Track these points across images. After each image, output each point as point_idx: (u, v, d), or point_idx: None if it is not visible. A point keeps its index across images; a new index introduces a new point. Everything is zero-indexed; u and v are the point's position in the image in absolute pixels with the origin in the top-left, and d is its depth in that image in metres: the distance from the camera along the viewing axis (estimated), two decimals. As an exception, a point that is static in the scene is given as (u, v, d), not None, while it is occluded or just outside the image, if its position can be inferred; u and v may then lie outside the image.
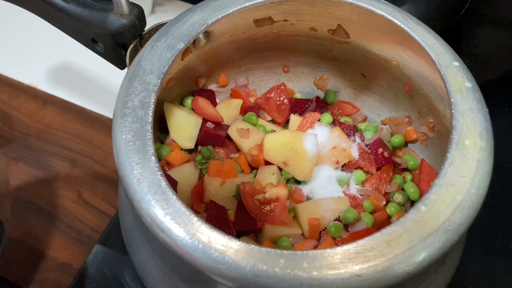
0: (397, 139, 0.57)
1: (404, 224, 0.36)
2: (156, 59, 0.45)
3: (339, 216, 0.50)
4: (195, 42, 0.51)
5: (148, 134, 0.41)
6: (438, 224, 0.36)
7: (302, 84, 0.63)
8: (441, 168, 0.38)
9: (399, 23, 0.47)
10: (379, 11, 0.48)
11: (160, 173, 0.39)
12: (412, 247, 0.35)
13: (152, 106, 0.42)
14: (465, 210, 0.37)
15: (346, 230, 0.51)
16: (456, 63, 0.44)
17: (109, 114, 0.76)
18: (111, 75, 0.79)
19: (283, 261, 0.34)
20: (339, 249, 0.35)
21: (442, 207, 0.37)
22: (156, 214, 0.37)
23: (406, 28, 0.46)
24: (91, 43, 0.51)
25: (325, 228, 0.50)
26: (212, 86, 0.61)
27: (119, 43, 0.50)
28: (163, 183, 0.38)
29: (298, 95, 0.63)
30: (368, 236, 0.35)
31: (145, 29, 0.50)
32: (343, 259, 0.34)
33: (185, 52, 0.51)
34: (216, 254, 0.35)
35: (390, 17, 0.47)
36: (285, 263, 0.34)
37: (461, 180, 0.38)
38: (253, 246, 0.35)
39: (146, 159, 0.39)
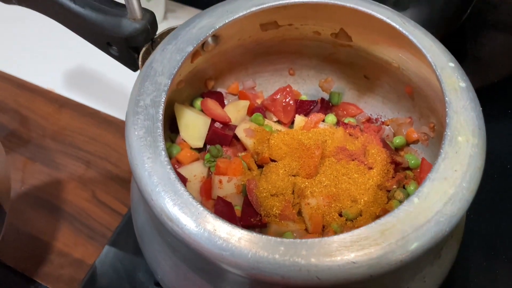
0: (398, 139, 0.59)
1: (397, 215, 0.38)
2: (167, 61, 0.48)
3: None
4: (204, 45, 0.53)
5: (158, 130, 0.43)
6: (430, 216, 0.38)
7: (307, 86, 0.65)
8: (435, 163, 0.40)
9: (397, 27, 0.49)
10: (379, 15, 0.50)
11: (169, 166, 0.41)
12: (405, 236, 0.37)
13: (163, 104, 0.45)
14: (456, 202, 0.39)
15: (348, 226, 0.53)
16: (452, 64, 0.46)
17: (123, 117, 0.78)
18: (125, 80, 0.81)
19: (282, 248, 0.36)
20: (336, 238, 0.37)
21: (435, 200, 0.38)
22: (166, 205, 0.39)
23: (404, 31, 0.48)
24: (106, 46, 0.53)
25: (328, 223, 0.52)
26: (221, 89, 0.63)
27: (132, 47, 0.52)
28: (172, 176, 0.40)
29: (303, 97, 0.65)
30: (363, 226, 0.37)
31: (157, 33, 0.53)
32: (339, 247, 0.36)
33: (195, 55, 0.54)
34: (220, 241, 0.37)
35: (389, 21, 0.49)
36: (285, 250, 0.36)
37: (453, 174, 0.40)
38: (255, 234, 0.37)
39: (157, 154, 0.42)
